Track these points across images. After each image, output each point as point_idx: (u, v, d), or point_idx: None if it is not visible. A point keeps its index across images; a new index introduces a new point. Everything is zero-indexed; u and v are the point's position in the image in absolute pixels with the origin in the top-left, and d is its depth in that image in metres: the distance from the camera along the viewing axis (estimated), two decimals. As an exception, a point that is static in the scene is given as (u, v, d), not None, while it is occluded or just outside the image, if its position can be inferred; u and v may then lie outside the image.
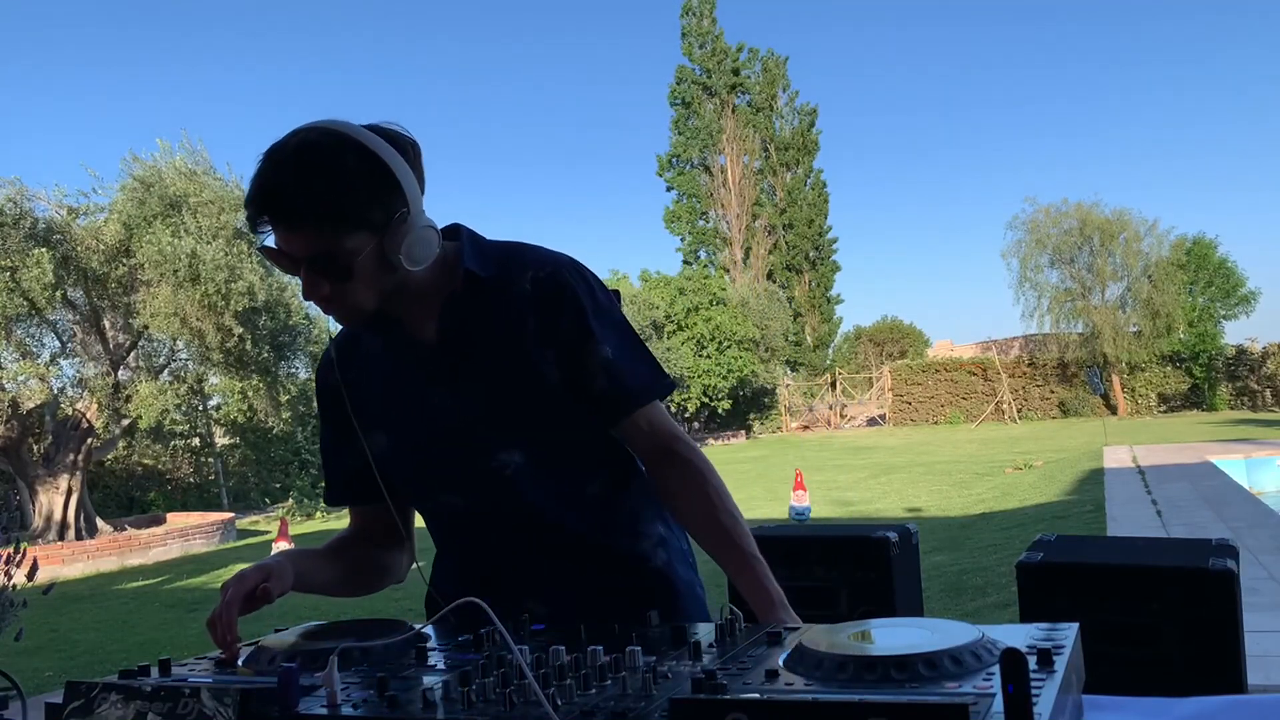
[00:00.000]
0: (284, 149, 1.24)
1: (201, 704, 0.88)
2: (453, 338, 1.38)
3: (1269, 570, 5.96)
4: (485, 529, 1.42)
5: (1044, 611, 2.49)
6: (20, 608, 2.03)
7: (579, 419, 1.40)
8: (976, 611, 6.05)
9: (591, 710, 0.84)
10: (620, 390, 1.38)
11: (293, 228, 1.23)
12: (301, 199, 1.21)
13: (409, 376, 1.40)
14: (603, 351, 1.38)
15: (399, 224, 1.26)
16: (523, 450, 1.38)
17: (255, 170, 1.24)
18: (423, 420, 1.40)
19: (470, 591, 1.40)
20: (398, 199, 1.26)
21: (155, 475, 19.64)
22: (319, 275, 1.26)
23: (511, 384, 1.37)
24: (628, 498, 1.47)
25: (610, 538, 1.43)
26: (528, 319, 1.36)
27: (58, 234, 12.35)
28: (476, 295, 1.37)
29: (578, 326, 1.37)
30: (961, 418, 30.22)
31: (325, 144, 1.24)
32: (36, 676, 5.91)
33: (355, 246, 1.24)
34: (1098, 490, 10.93)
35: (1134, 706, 1.02)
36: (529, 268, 1.39)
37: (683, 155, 36.42)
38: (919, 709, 0.70)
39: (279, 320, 13.78)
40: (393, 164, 1.26)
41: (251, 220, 1.25)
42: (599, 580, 1.41)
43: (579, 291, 1.39)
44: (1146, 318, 28.62)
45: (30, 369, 12.60)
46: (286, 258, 1.26)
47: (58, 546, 12.21)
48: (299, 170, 1.22)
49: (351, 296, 1.28)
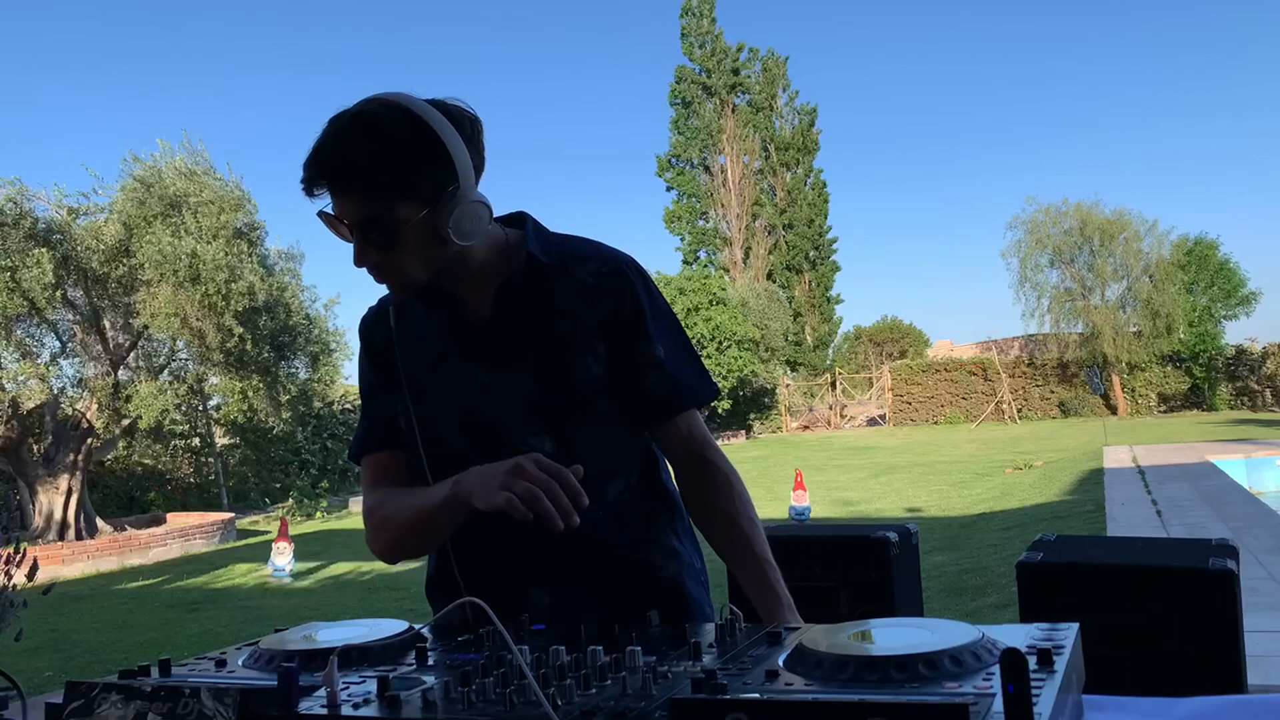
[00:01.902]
0: (343, 116, 1.29)
1: (201, 704, 0.88)
2: (507, 318, 1.40)
3: (1269, 570, 5.96)
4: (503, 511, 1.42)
5: (1044, 611, 2.49)
6: (20, 608, 2.03)
7: (612, 417, 1.42)
8: (976, 611, 6.05)
9: (591, 710, 0.84)
10: (669, 391, 1.42)
11: (343, 192, 1.27)
12: (351, 165, 1.25)
13: (458, 351, 1.42)
14: (656, 351, 1.42)
15: (449, 197, 1.28)
16: (554, 439, 1.39)
17: (317, 140, 1.29)
18: (463, 394, 1.41)
19: (475, 573, 1.41)
20: (448, 172, 1.29)
21: (155, 475, 19.63)
22: (368, 242, 1.29)
23: (556, 371, 1.39)
24: (645, 505, 1.47)
25: (624, 540, 1.43)
26: (585, 310, 1.39)
27: (58, 234, 12.35)
28: (536, 280, 1.40)
29: (634, 324, 1.41)
30: (961, 418, 30.21)
31: (380, 114, 1.27)
32: (36, 676, 5.91)
33: (403, 216, 1.27)
34: (1098, 490, 10.93)
35: (1134, 706, 1.02)
36: (591, 261, 1.42)
37: (683, 155, 36.39)
38: (919, 709, 0.70)
39: (279, 320, 13.77)
40: (446, 137, 1.28)
41: (308, 184, 1.29)
42: (606, 580, 1.41)
43: (639, 290, 1.42)
44: (1146, 318, 28.62)
45: (30, 369, 12.60)
46: (339, 222, 1.29)
47: (58, 546, 12.21)
48: (352, 137, 1.26)
49: (399, 265, 1.31)
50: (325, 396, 17.86)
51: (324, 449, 22.32)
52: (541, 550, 1.40)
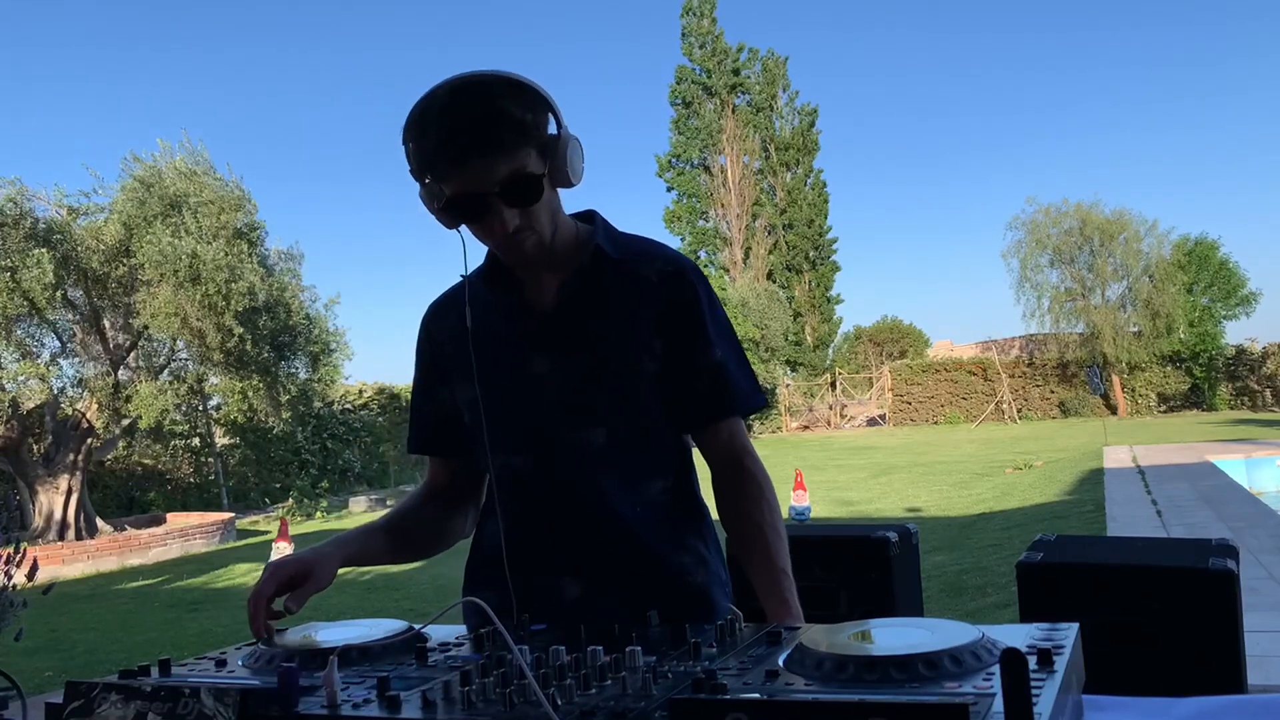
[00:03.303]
0: (439, 100, 1.28)
1: (201, 704, 0.88)
2: (571, 308, 1.43)
3: (1269, 570, 5.96)
4: (543, 499, 1.43)
5: (1044, 611, 2.49)
6: (20, 608, 2.03)
7: (657, 416, 1.44)
8: (976, 611, 6.05)
9: (591, 710, 0.84)
10: (721, 395, 1.45)
11: (481, 157, 1.27)
12: (484, 127, 1.26)
13: (518, 338, 1.44)
14: (714, 354, 1.45)
15: (556, 140, 1.32)
16: (606, 432, 1.41)
17: (416, 131, 1.28)
18: (520, 381, 1.43)
19: (510, 556, 1.42)
20: (549, 116, 1.32)
21: (155, 475, 19.62)
22: (510, 203, 1.30)
23: (614, 364, 1.41)
24: (678, 509, 1.48)
25: (657, 541, 1.44)
26: (647, 307, 1.42)
27: (58, 234, 12.33)
28: (602, 273, 1.43)
29: (694, 326, 1.44)
30: (961, 418, 30.21)
31: (475, 79, 1.29)
32: (36, 676, 5.91)
33: (534, 164, 1.30)
34: (1098, 490, 10.93)
35: (1134, 706, 1.02)
36: (656, 260, 1.46)
37: (683, 155, 36.38)
38: (919, 709, 0.70)
39: (279, 320, 13.76)
40: (536, 86, 1.32)
41: (433, 172, 1.30)
42: (637, 579, 1.41)
43: (700, 293, 1.45)
44: (1146, 318, 28.63)
45: (30, 369, 12.58)
46: (476, 199, 1.30)
47: (58, 546, 12.20)
48: (470, 103, 1.27)
49: (538, 222, 1.34)
50: (325, 396, 17.87)
51: (324, 449, 22.32)
52: (576, 542, 1.42)
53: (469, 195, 1.29)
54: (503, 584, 1.42)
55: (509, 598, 1.40)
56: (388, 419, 24.71)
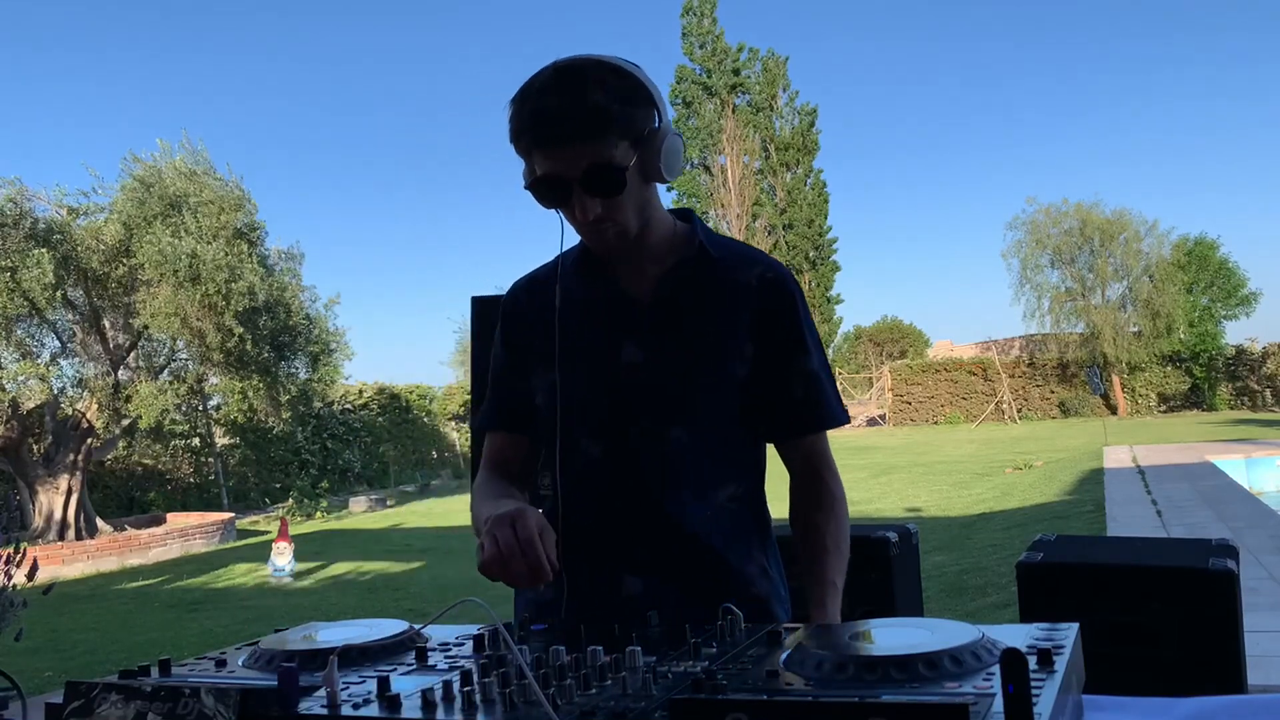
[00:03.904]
0: (543, 78, 1.29)
1: (201, 704, 0.88)
2: (667, 302, 1.42)
3: (1269, 570, 5.96)
4: (610, 491, 1.42)
5: (1044, 611, 2.49)
6: (20, 608, 2.03)
7: (736, 421, 1.43)
8: (976, 611, 6.05)
9: (591, 710, 0.84)
10: (814, 406, 1.45)
11: (566, 143, 1.27)
12: (572, 113, 1.26)
13: (609, 326, 1.43)
14: (810, 365, 1.45)
15: (654, 135, 1.31)
16: (686, 430, 1.40)
17: (516, 106, 1.30)
18: (606, 367, 1.42)
19: (571, 546, 1.40)
20: (653, 111, 1.32)
21: (155, 475, 19.62)
22: (592, 192, 1.30)
23: (706, 363, 1.41)
24: (746, 518, 1.47)
25: (724, 548, 1.43)
26: (745, 309, 1.42)
27: (58, 234, 12.34)
28: (703, 270, 1.43)
29: (792, 334, 1.44)
30: (961, 418, 30.22)
31: (582, 63, 1.29)
32: (36, 676, 5.91)
33: (622, 157, 1.29)
34: (1098, 490, 10.93)
35: (1134, 706, 1.02)
36: (757, 265, 1.46)
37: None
38: (919, 709, 0.70)
39: (279, 320, 13.77)
40: (643, 78, 1.32)
41: (524, 151, 1.31)
42: (701, 580, 1.40)
43: (798, 302, 1.46)
44: (1146, 318, 28.64)
45: (30, 369, 12.58)
46: (558, 183, 1.30)
47: (58, 546, 12.21)
48: (565, 88, 1.27)
49: (621, 213, 1.33)
50: (325, 396, 17.88)
51: (324, 449, 22.33)
52: (644, 539, 1.41)
53: (552, 178, 1.30)
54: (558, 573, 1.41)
55: (563, 588, 1.39)
56: (388, 419, 24.71)
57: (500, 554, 1.16)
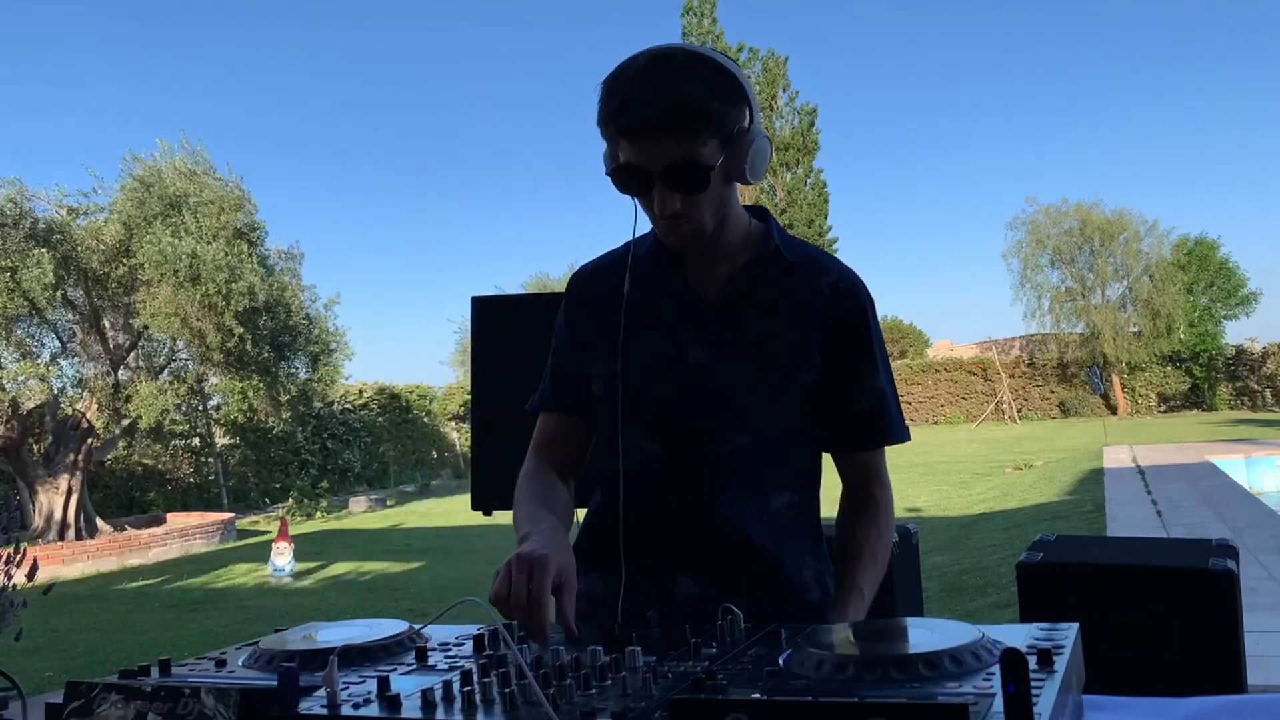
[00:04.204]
0: (636, 64, 1.26)
1: (201, 704, 0.88)
2: (737, 302, 1.40)
3: (1269, 570, 5.96)
4: (669, 490, 1.40)
5: (1044, 611, 2.49)
6: (20, 608, 2.03)
7: (797, 429, 1.42)
8: (976, 611, 6.05)
9: (591, 710, 0.84)
10: (879, 422, 1.44)
11: (653, 134, 1.25)
12: (663, 105, 1.23)
13: (675, 322, 1.41)
14: (877, 380, 1.43)
15: (743, 135, 1.29)
16: (750, 434, 1.39)
17: (607, 90, 1.27)
18: (672, 365, 1.40)
19: (627, 544, 1.39)
20: (744, 110, 1.29)
21: (155, 475, 19.63)
22: (674, 188, 1.28)
23: (770, 367, 1.39)
24: (801, 525, 1.46)
25: (780, 554, 1.42)
26: (815, 317, 1.40)
27: (58, 234, 12.34)
28: (776, 273, 1.41)
29: (861, 347, 1.42)
30: (961, 418, 30.22)
31: (680, 55, 1.26)
32: (36, 676, 5.91)
33: (709, 156, 1.27)
34: (1098, 490, 10.94)
35: (1134, 706, 1.02)
36: (831, 273, 1.43)
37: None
38: (919, 709, 0.70)
39: (279, 320, 13.77)
40: (738, 76, 1.29)
41: (610, 136, 1.29)
42: (758, 585, 1.38)
43: (870, 315, 1.44)
44: (1147, 318, 28.65)
45: (30, 369, 12.58)
46: (640, 174, 1.28)
47: (58, 546, 12.21)
48: (658, 77, 1.24)
49: (700, 211, 1.31)
50: (325, 396, 17.87)
51: (324, 449, 22.33)
52: (697, 540, 1.39)
53: (634, 168, 1.28)
54: (614, 569, 1.39)
55: (618, 584, 1.38)
56: (388, 419, 24.71)
57: (508, 602, 1.12)
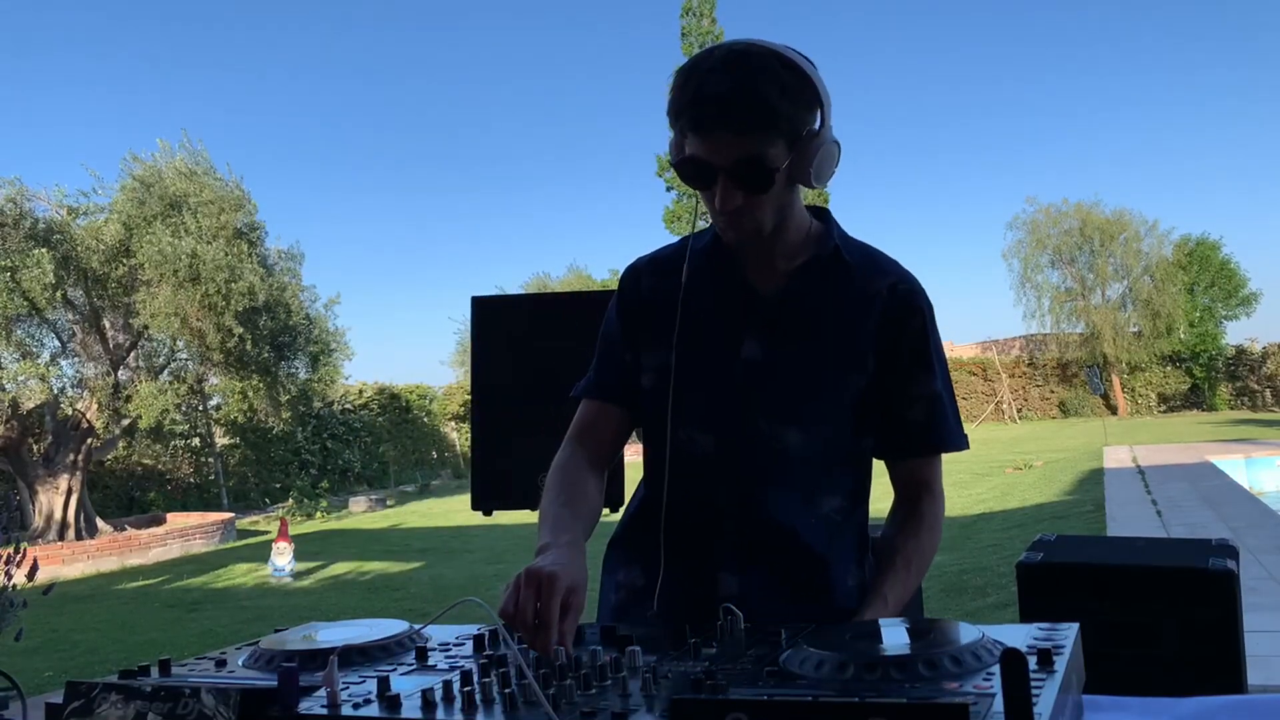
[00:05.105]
0: (712, 58, 1.25)
1: (201, 704, 0.88)
2: (795, 300, 1.39)
3: (1269, 570, 5.96)
4: (716, 487, 1.39)
5: (1044, 611, 2.48)
6: (20, 608, 2.03)
7: (848, 432, 1.40)
8: (976, 611, 6.05)
9: (591, 710, 0.84)
10: (934, 429, 1.43)
11: (722, 131, 1.24)
12: (735, 101, 1.22)
13: (731, 318, 1.40)
14: (934, 386, 1.41)
15: (812, 137, 1.27)
16: (801, 434, 1.37)
17: (679, 81, 1.26)
18: (725, 360, 1.39)
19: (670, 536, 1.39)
20: (816, 112, 1.28)
21: (155, 475, 19.63)
22: (737, 185, 1.26)
23: (825, 366, 1.37)
24: (849, 529, 1.45)
25: (826, 557, 1.40)
26: (873, 318, 1.38)
27: (58, 234, 12.34)
28: (834, 272, 1.39)
29: (918, 351, 1.40)
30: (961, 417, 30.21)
31: (755, 52, 1.25)
32: (36, 676, 5.91)
33: (776, 157, 1.26)
34: (1098, 490, 10.93)
35: (1134, 706, 1.02)
36: (890, 275, 1.41)
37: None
38: (919, 709, 0.70)
39: (279, 320, 13.77)
40: (814, 77, 1.28)
41: (679, 128, 1.28)
42: (800, 585, 1.37)
43: (928, 319, 1.41)
44: (1147, 318, 28.66)
45: (30, 369, 12.58)
46: (705, 168, 1.27)
47: (58, 546, 12.21)
48: (732, 73, 1.22)
49: (761, 210, 1.30)
50: (325, 396, 17.88)
51: (324, 449, 22.33)
52: (744, 539, 1.38)
53: (700, 162, 1.27)
54: (654, 562, 1.38)
55: (656, 577, 1.37)
56: (388, 419, 24.70)
57: (514, 618, 1.10)
